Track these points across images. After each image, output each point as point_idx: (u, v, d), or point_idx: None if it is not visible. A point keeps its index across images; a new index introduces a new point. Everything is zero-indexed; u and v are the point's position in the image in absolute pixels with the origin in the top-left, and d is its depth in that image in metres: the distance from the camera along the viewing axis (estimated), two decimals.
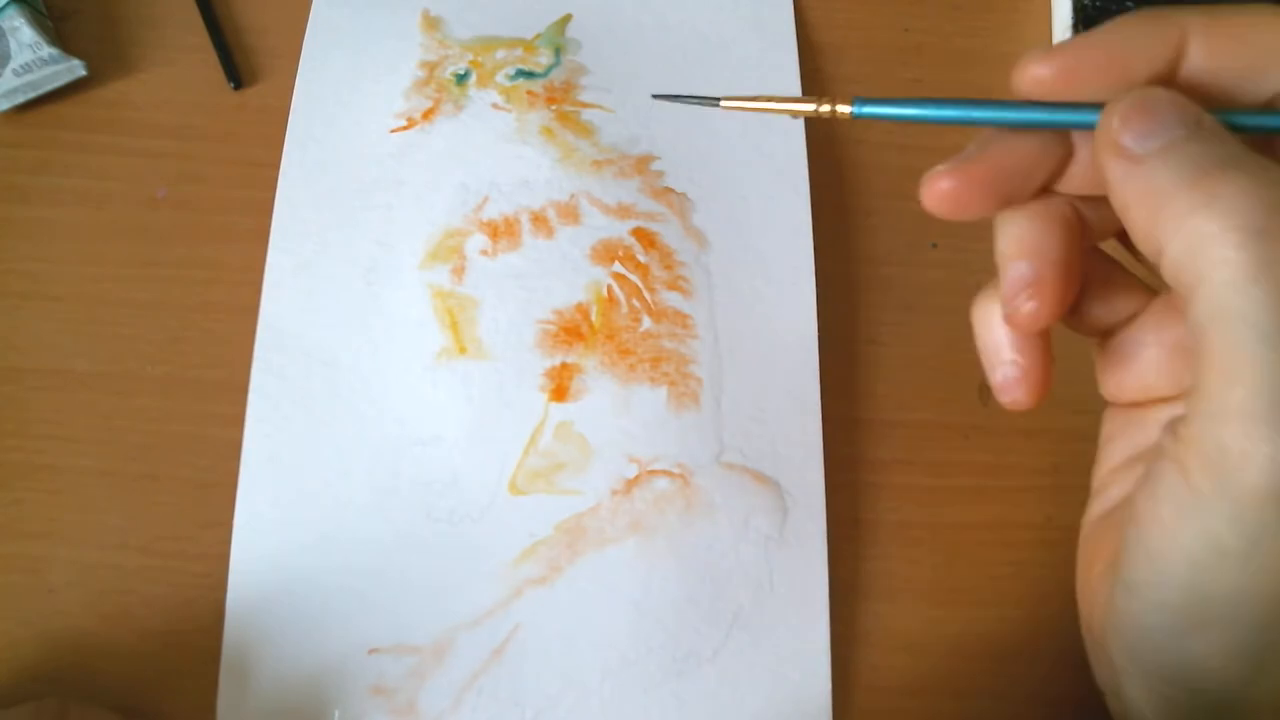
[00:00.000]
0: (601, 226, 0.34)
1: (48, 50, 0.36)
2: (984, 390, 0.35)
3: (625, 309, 0.33)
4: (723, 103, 0.25)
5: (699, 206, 0.35)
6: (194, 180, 0.36)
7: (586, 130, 0.36)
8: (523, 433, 0.32)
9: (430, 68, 0.37)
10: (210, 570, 0.31)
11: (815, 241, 0.35)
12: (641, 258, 0.34)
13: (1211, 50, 0.19)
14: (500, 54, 0.37)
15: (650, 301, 0.33)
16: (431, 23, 0.38)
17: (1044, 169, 0.21)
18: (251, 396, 0.32)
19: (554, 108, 0.36)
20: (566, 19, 0.39)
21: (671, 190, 0.35)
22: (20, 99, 0.36)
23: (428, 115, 0.36)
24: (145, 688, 0.30)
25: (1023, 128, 0.21)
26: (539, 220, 0.34)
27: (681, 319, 0.33)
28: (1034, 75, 0.20)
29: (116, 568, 0.31)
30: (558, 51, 0.38)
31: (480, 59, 0.37)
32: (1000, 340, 0.22)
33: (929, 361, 0.35)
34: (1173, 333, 0.22)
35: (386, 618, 0.30)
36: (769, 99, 0.24)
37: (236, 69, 0.38)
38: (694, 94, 0.26)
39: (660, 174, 0.35)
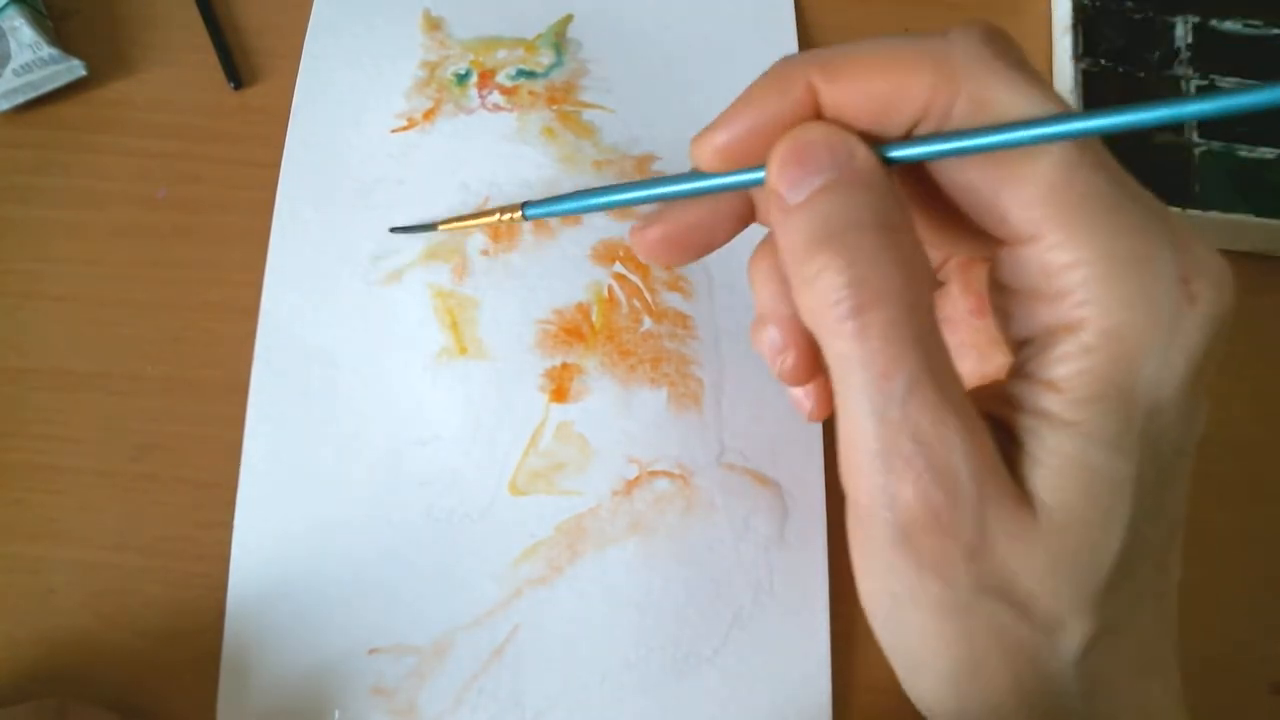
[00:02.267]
0: (602, 226, 0.34)
1: (48, 50, 0.36)
2: None
3: (626, 309, 0.33)
4: (439, 226, 0.32)
5: None
6: (194, 180, 0.36)
7: (587, 130, 0.36)
8: (523, 433, 0.32)
9: (431, 67, 0.37)
10: (210, 570, 0.31)
11: None
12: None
13: (836, 100, 0.20)
14: (501, 54, 0.37)
15: (651, 302, 0.33)
16: (432, 23, 0.38)
17: (729, 221, 0.23)
18: (251, 396, 0.32)
19: (555, 108, 0.36)
20: (568, 19, 0.39)
21: None
22: (20, 99, 0.36)
23: (428, 115, 0.36)
24: (145, 688, 0.30)
25: (692, 195, 0.23)
26: (540, 220, 0.34)
27: (682, 319, 0.33)
28: (701, 156, 0.21)
29: (116, 568, 0.31)
30: (559, 51, 0.38)
31: (481, 59, 0.37)
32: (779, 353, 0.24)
33: None
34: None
35: (386, 618, 0.30)
36: (471, 216, 0.31)
37: (236, 69, 0.38)
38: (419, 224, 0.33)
39: (661, 174, 0.35)
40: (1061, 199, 0.18)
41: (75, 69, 0.36)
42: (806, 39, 0.39)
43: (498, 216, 0.29)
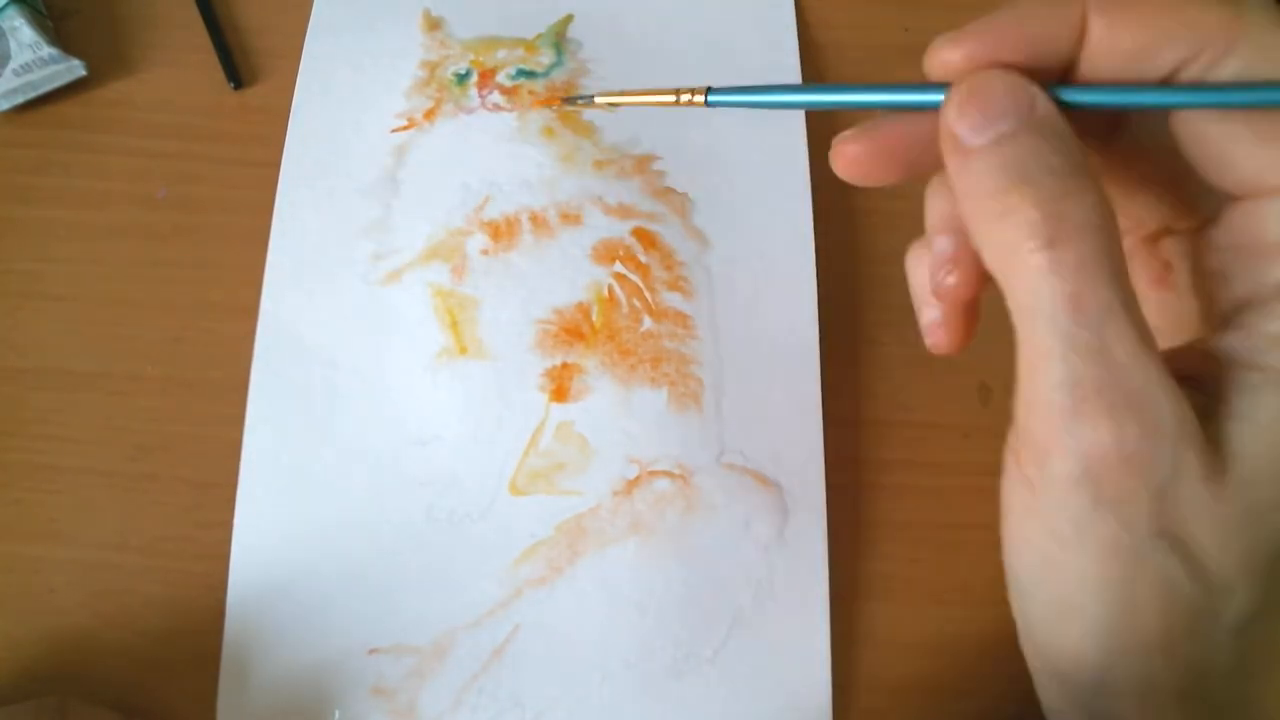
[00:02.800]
0: (602, 226, 0.34)
1: (48, 50, 0.36)
2: (984, 390, 0.35)
3: (626, 309, 0.33)
4: (596, 98, 0.28)
5: (700, 206, 0.35)
6: (194, 180, 0.36)
7: (588, 130, 0.36)
8: (523, 433, 0.32)
9: (431, 67, 0.37)
10: (210, 570, 0.31)
11: (816, 241, 0.35)
12: (642, 258, 0.34)
13: (1109, 28, 0.19)
14: (501, 54, 0.37)
15: (651, 302, 0.33)
16: (433, 23, 0.38)
17: (934, 140, 0.22)
18: (251, 396, 0.32)
19: (555, 107, 0.36)
20: (568, 19, 0.39)
21: (672, 190, 0.35)
22: (20, 99, 0.36)
23: (429, 115, 0.36)
24: (145, 688, 0.30)
25: (883, 108, 0.22)
26: (540, 220, 0.34)
27: (682, 319, 0.33)
28: (943, 60, 0.21)
29: (116, 568, 0.31)
30: (559, 51, 0.38)
31: (481, 59, 0.37)
32: (924, 288, 0.23)
33: (929, 361, 0.35)
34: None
35: (386, 618, 0.30)
36: (639, 92, 0.27)
37: (236, 69, 0.38)
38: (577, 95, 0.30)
39: (661, 174, 0.35)
40: None
41: (75, 69, 0.36)
42: (807, 39, 0.39)
43: (676, 98, 0.26)
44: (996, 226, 0.18)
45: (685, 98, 0.25)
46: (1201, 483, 0.18)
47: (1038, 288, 0.18)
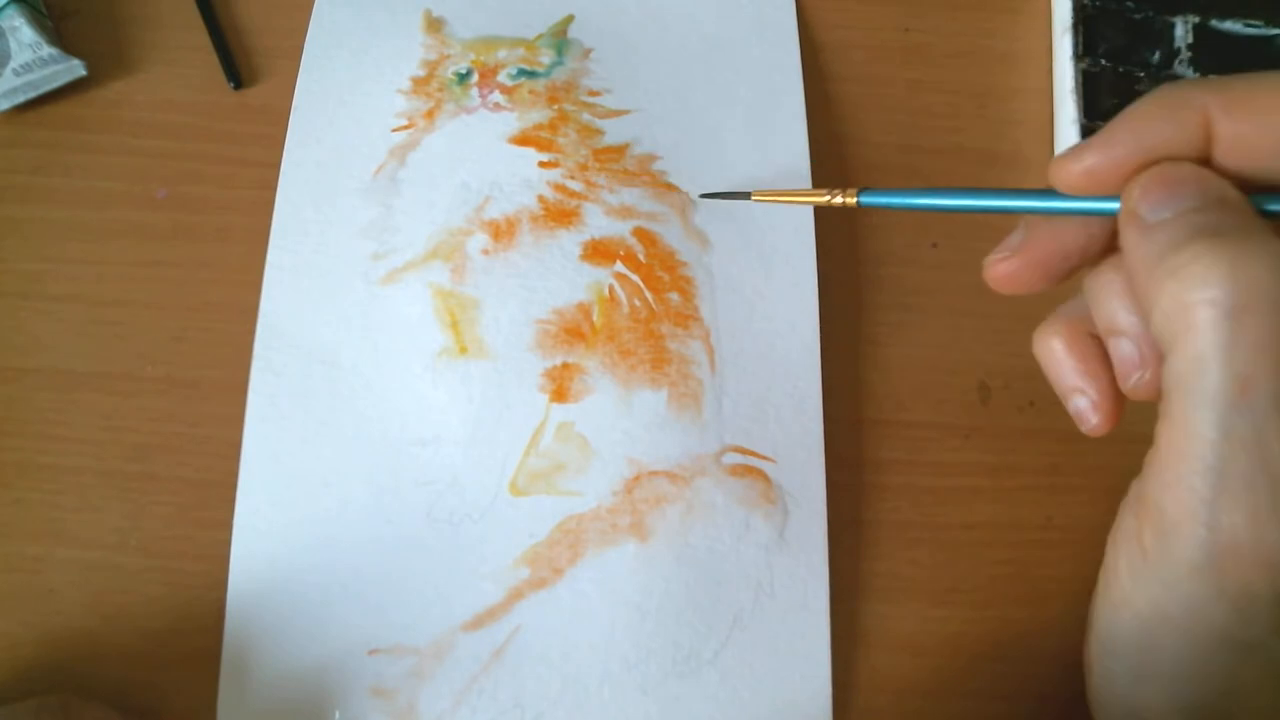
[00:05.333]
0: (603, 226, 0.34)
1: (48, 50, 0.36)
2: (984, 390, 0.35)
3: (627, 309, 0.33)
4: (753, 196, 0.31)
5: (700, 207, 0.35)
6: (194, 180, 0.36)
7: (589, 130, 0.36)
8: (523, 433, 0.32)
9: (432, 67, 0.37)
10: (210, 570, 0.31)
11: (816, 241, 0.35)
12: (643, 258, 0.34)
13: (1238, 130, 0.18)
14: (502, 53, 0.37)
15: (652, 302, 0.33)
16: (433, 23, 0.38)
17: (1099, 244, 0.21)
18: (251, 396, 0.32)
19: (555, 107, 0.36)
20: (568, 19, 0.39)
21: (673, 190, 0.35)
22: (20, 99, 0.36)
23: (429, 115, 0.36)
24: (145, 688, 0.30)
25: (1047, 214, 0.21)
26: (540, 220, 0.34)
27: (683, 320, 0.33)
28: (1067, 177, 0.20)
29: (116, 568, 0.31)
30: (560, 51, 0.38)
31: (482, 58, 0.37)
32: (1069, 375, 0.23)
33: (929, 361, 0.35)
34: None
35: (386, 618, 0.30)
36: (793, 193, 0.30)
37: (236, 69, 0.38)
38: (730, 190, 0.33)
39: (662, 174, 0.35)
40: None
41: (75, 69, 0.36)
42: (807, 39, 0.39)
43: (828, 198, 0.27)
44: (1171, 282, 0.17)
45: (838, 199, 0.27)
46: None
47: (1205, 362, 0.17)
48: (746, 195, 0.31)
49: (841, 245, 0.36)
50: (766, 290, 0.34)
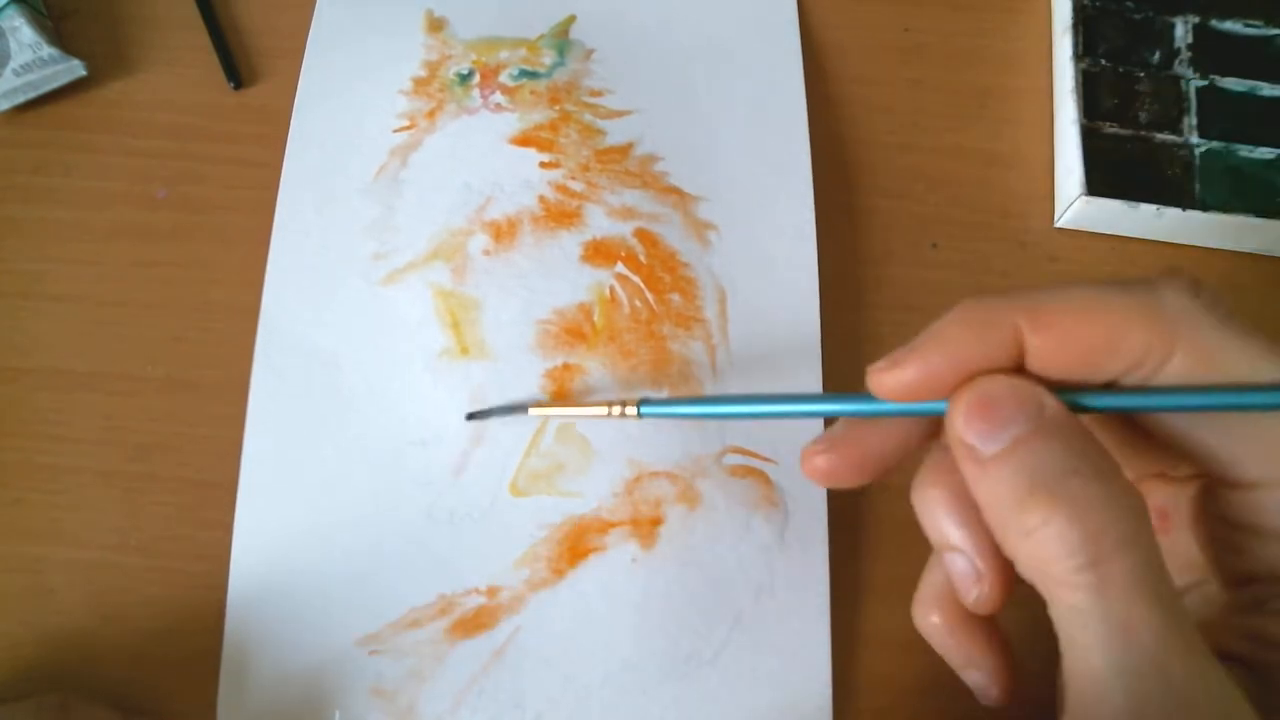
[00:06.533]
0: (604, 227, 0.34)
1: (48, 50, 0.36)
2: None
3: (627, 309, 0.33)
4: (530, 410, 0.30)
5: (701, 207, 0.35)
6: (194, 180, 0.36)
7: (590, 131, 0.36)
8: (524, 433, 0.32)
9: (433, 67, 0.37)
10: (210, 570, 0.31)
11: (817, 242, 0.35)
12: (644, 259, 0.34)
13: (1044, 344, 0.19)
14: (504, 54, 0.37)
15: (653, 303, 0.33)
16: (435, 23, 0.38)
17: (915, 441, 0.22)
18: (251, 396, 0.32)
19: (557, 108, 0.36)
20: (570, 20, 0.39)
21: (674, 191, 0.35)
22: (20, 99, 0.36)
23: (431, 115, 0.36)
24: (145, 688, 0.30)
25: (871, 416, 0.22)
26: (541, 221, 0.34)
27: (685, 321, 0.33)
28: (884, 389, 0.20)
29: (116, 568, 0.31)
30: (561, 52, 0.38)
31: (484, 59, 0.37)
32: (958, 652, 0.23)
33: None
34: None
35: (387, 618, 0.30)
36: (573, 407, 0.30)
37: (236, 69, 0.38)
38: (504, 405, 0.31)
39: (663, 175, 0.35)
40: None
41: (75, 69, 0.36)
42: (808, 39, 0.39)
43: (608, 411, 0.27)
44: (1028, 544, 0.18)
45: (617, 410, 0.27)
46: None
47: (1085, 617, 0.17)
48: (524, 409, 0.31)
49: (841, 245, 0.36)
50: (767, 291, 0.34)
